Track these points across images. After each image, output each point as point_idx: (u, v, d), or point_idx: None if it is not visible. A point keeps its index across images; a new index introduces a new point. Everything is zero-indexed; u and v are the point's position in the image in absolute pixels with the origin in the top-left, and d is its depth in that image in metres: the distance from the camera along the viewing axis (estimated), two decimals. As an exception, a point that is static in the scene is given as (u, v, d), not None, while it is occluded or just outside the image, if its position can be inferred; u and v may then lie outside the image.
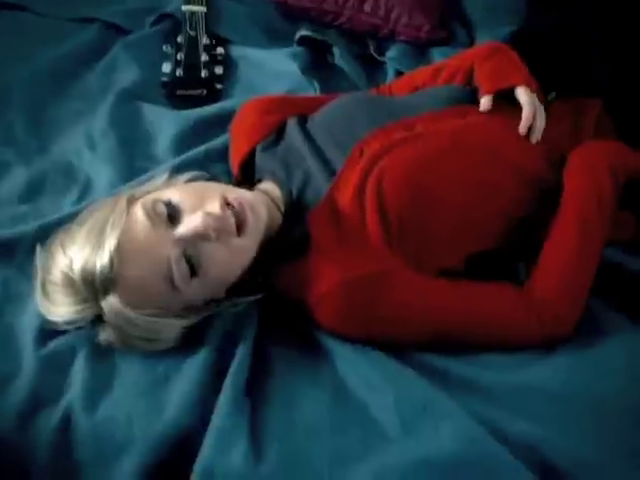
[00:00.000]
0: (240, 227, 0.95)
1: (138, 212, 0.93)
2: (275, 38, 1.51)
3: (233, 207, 0.95)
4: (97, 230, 0.92)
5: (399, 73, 1.44)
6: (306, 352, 1.01)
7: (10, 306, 1.02)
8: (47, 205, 1.17)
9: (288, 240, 1.03)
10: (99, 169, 1.22)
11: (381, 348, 0.98)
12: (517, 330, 0.99)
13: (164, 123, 1.32)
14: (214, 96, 1.41)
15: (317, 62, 1.47)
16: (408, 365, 0.96)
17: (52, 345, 0.98)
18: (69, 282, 0.92)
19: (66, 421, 0.92)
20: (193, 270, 0.93)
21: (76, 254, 0.91)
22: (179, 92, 1.40)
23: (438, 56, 1.47)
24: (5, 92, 1.37)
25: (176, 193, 0.96)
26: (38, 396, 0.94)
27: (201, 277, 0.93)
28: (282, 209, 1.05)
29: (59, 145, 1.29)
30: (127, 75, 1.41)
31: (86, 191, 1.20)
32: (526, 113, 1.08)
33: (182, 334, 0.97)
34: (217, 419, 0.90)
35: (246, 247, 0.97)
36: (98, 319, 0.94)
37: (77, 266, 0.91)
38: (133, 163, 1.24)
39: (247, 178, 1.16)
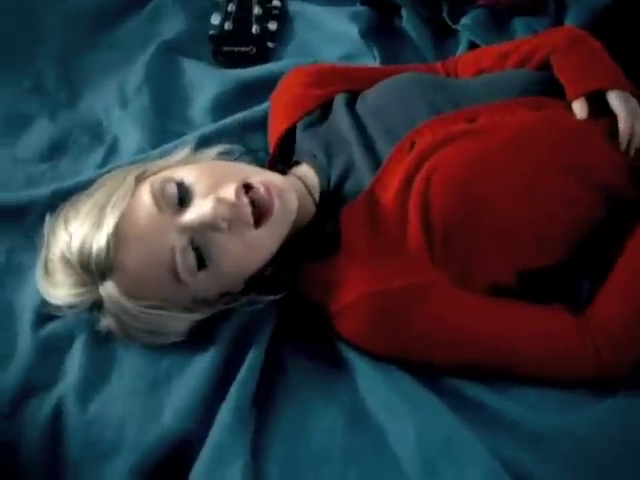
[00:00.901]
0: (263, 216, 0.83)
1: (145, 193, 0.83)
2: (339, -4, 1.36)
3: (256, 192, 0.83)
4: (99, 207, 0.83)
5: (473, 45, 1.28)
6: (325, 363, 0.90)
7: (12, 278, 0.95)
8: (68, 166, 1.09)
9: (318, 236, 0.91)
10: (128, 130, 1.13)
11: (407, 369, 0.86)
12: (568, 362, 0.86)
13: (205, 82, 1.21)
14: (264, 55, 1.28)
15: (381, 26, 1.32)
16: (436, 391, 0.84)
17: (51, 327, 0.90)
18: (67, 262, 0.83)
19: (57, 413, 0.85)
20: (201, 262, 0.82)
21: (76, 231, 0.83)
22: (226, 48, 1.28)
23: (520, 28, 1.29)
24: (37, 36, 1.28)
25: (193, 172, 0.85)
26: (31, 381, 0.88)
27: (211, 270, 0.83)
28: (317, 199, 0.94)
29: (89, 99, 1.19)
30: (172, 25, 1.30)
31: (111, 154, 1.11)
32: (623, 124, 0.92)
33: (192, 327, 0.88)
34: (216, 431, 0.81)
35: (264, 241, 0.85)
36: (98, 306, 0.85)
37: (75, 246, 0.82)
38: (166, 125, 1.14)
39: (284, 158, 1.04)
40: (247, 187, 0.84)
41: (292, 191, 0.88)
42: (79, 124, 1.15)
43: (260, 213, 0.84)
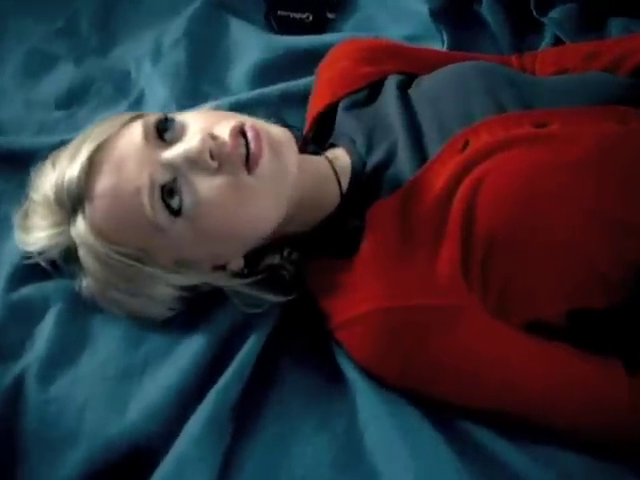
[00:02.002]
0: (251, 163, 0.71)
1: (137, 127, 0.73)
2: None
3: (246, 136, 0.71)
4: (82, 139, 0.74)
5: (558, 42, 1.12)
6: (324, 379, 0.78)
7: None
8: (85, 117, 0.99)
9: (339, 230, 0.79)
10: (156, 86, 1.02)
11: (418, 403, 0.73)
12: (612, 425, 0.71)
13: (249, 45, 1.09)
14: (321, 25, 1.16)
15: (456, 8, 1.17)
16: (447, 435, 0.71)
17: (25, 291, 0.81)
18: (46, 201, 0.75)
19: (17, 385, 0.75)
20: (180, 204, 0.70)
21: (59, 166, 0.74)
22: (280, 12, 1.16)
23: (615, 29, 1.12)
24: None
25: (192, 114, 0.76)
26: (-5, 347, 0.78)
27: (193, 220, 0.71)
28: (344, 188, 0.81)
29: (121, 48, 1.09)
30: (225, -22, 1.18)
31: (133, 110, 0.99)
32: None
33: (179, 302, 0.77)
34: (183, 442, 0.70)
35: (257, 194, 0.72)
36: (74, 256, 0.75)
37: (54, 180, 0.73)
38: (198, 86, 1.03)
39: (320, 138, 0.91)
40: (244, 133, 0.72)
41: (292, 149, 0.74)
42: (105, 73, 1.05)
43: (247, 158, 0.71)
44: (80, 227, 0.72)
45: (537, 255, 0.72)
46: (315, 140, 0.91)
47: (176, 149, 0.71)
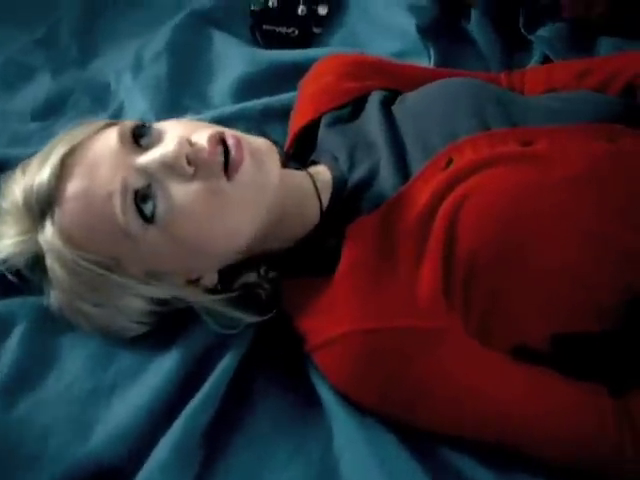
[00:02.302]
0: (230, 169, 0.68)
1: (112, 132, 0.70)
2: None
3: (226, 144, 0.69)
4: (53, 143, 0.72)
5: (547, 60, 1.10)
6: (299, 402, 0.75)
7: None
8: (60, 129, 0.92)
9: (316, 249, 0.76)
10: (136, 99, 0.99)
11: (396, 429, 0.70)
12: (596, 452, 0.68)
13: (233, 59, 1.07)
14: (307, 40, 1.15)
15: (443, 24, 1.15)
16: (426, 464, 0.68)
17: (-11, 308, 0.78)
18: (14, 207, 0.72)
19: (-24, 409, 0.72)
20: (153, 211, 0.67)
21: (29, 172, 0.72)
22: (266, 27, 1.14)
23: (605, 49, 1.11)
24: (65, -16, 1.16)
25: (170, 122, 0.73)
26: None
27: (166, 228, 0.68)
28: (324, 206, 0.78)
29: (101, 60, 1.07)
30: (212, -8, 1.16)
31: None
32: None
33: (149, 317, 0.74)
34: (149, 468, 0.67)
35: (234, 202, 0.69)
36: (40, 266, 0.72)
37: (23, 185, 0.71)
38: (179, 100, 1.00)
39: (302, 154, 0.89)
40: (223, 142, 0.70)
41: (273, 159, 0.72)
42: (84, 85, 1.02)
43: (227, 165, 0.69)
44: (48, 233, 0.69)
45: (524, 277, 0.69)
46: (296, 156, 0.88)
47: (152, 154, 0.69)
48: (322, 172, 0.81)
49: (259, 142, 0.72)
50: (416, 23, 1.10)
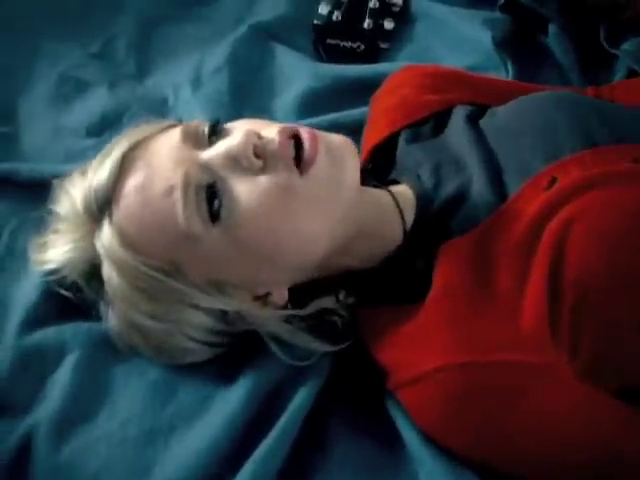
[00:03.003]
0: (305, 162, 0.62)
1: (175, 131, 0.66)
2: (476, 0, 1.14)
3: (299, 139, 0.63)
4: (114, 142, 0.68)
5: (631, 75, 1.02)
6: (379, 446, 0.67)
7: (10, 265, 0.77)
8: None
9: (402, 271, 0.69)
10: (195, 114, 0.92)
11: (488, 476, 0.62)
12: None
13: (297, 73, 1.01)
14: (373, 55, 1.08)
15: (520, 38, 1.08)
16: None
17: (39, 335, 0.71)
18: (72, 211, 0.67)
19: (25, 446, 0.66)
20: (217, 209, 0.61)
21: (89, 173, 0.67)
22: (330, 41, 1.08)
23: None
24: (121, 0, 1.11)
25: (239, 121, 0.68)
26: (4, 399, 0.68)
27: (229, 227, 0.62)
28: (408, 226, 0.71)
29: (160, 74, 1.01)
30: (272, 7, 1.10)
31: (170, 138, 0.91)
32: None
33: (211, 336, 0.67)
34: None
35: (309, 196, 0.62)
36: (97, 275, 0.66)
37: (82, 187, 0.66)
38: (241, 114, 0.91)
39: (379, 173, 0.81)
40: (296, 137, 0.64)
41: (353, 157, 0.65)
42: (141, 99, 0.97)
43: (300, 160, 0.62)
44: (105, 234, 0.64)
45: (637, 315, 0.61)
46: (372, 174, 0.81)
47: (216, 148, 0.63)
48: (404, 191, 0.74)
49: (336, 137, 0.65)
50: (492, 35, 1.03)
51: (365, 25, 1.08)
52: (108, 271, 0.64)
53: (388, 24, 1.10)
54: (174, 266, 0.63)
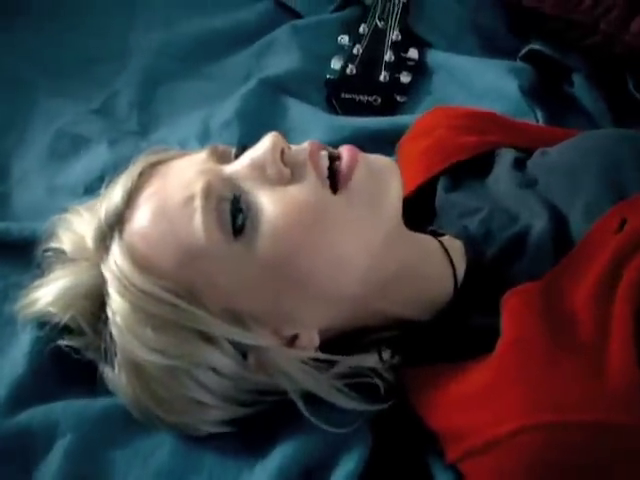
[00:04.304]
0: (338, 180, 0.56)
1: (201, 152, 0.61)
2: (492, 51, 1.09)
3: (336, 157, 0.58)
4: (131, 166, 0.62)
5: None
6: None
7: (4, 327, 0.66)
8: None
9: (456, 326, 0.60)
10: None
11: None
12: None
13: (311, 127, 0.94)
14: (390, 108, 1.01)
15: (545, 87, 1.03)
16: None
17: (25, 417, 0.60)
18: (76, 244, 0.60)
19: None
20: (241, 223, 0.54)
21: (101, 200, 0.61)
22: (345, 95, 1.02)
23: None
24: (123, 56, 1.05)
25: None
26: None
27: (251, 243, 0.54)
28: (460, 276, 0.63)
29: (164, 130, 0.94)
30: (283, 62, 1.04)
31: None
32: None
33: (227, 389, 0.56)
34: None
35: (344, 212, 0.56)
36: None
37: (89, 217, 0.60)
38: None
39: (416, 224, 0.73)
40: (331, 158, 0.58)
41: (396, 178, 0.58)
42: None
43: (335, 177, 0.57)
44: (113, 254, 0.56)
45: None
46: (409, 226, 0.72)
47: (240, 160, 0.57)
48: (450, 241, 0.66)
49: (379, 157, 0.60)
50: (519, 84, 0.97)
51: (381, 78, 1.02)
52: (114, 299, 0.55)
53: (404, 78, 1.04)
54: (188, 290, 0.54)
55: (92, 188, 0.84)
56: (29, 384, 0.63)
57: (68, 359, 0.61)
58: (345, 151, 0.57)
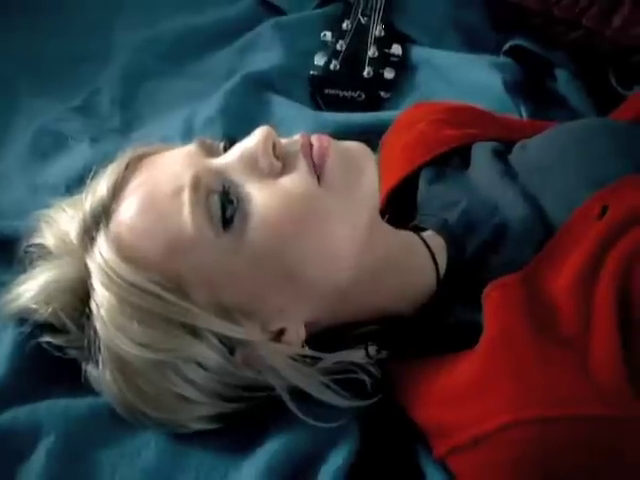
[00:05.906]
0: (316, 167, 0.57)
1: (190, 145, 0.61)
2: (475, 47, 1.09)
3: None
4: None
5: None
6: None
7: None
8: None
9: (440, 320, 0.60)
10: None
11: None
12: None
13: (295, 122, 0.93)
14: (374, 104, 1.01)
15: (528, 82, 1.03)
16: None
17: (7, 418, 0.59)
18: (60, 239, 0.59)
19: None
20: (231, 214, 0.54)
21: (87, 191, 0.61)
22: (328, 91, 1.01)
23: None
24: (106, 55, 1.04)
25: None
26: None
27: (241, 235, 0.54)
28: (442, 270, 0.63)
29: (147, 127, 0.94)
30: (266, 58, 1.04)
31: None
32: None
33: (212, 383, 0.56)
34: None
35: (331, 205, 0.56)
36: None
37: (74, 210, 0.60)
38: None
39: (399, 220, 0.72)
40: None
41: (370, 164, 0.59)
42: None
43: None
44: (99, 245, 0.55)
45: None
46: (392, 221, 0.72)
47: (230, 153, 0.58)
48: (432, 236, 0.66)
49: (352, 144, 0.60)
50: (503, 79, 0.97)
51: (365, 74, 1.02)
52: (99, 292, 0.54)
53: (388, 74, 1.04)
54: (175, 282, 0.54)
55: (74, 186, 0.83)
56: (11, 384, 0.62)
57: (51, 357, 0.60)
58: (315, 141, 0.58)
